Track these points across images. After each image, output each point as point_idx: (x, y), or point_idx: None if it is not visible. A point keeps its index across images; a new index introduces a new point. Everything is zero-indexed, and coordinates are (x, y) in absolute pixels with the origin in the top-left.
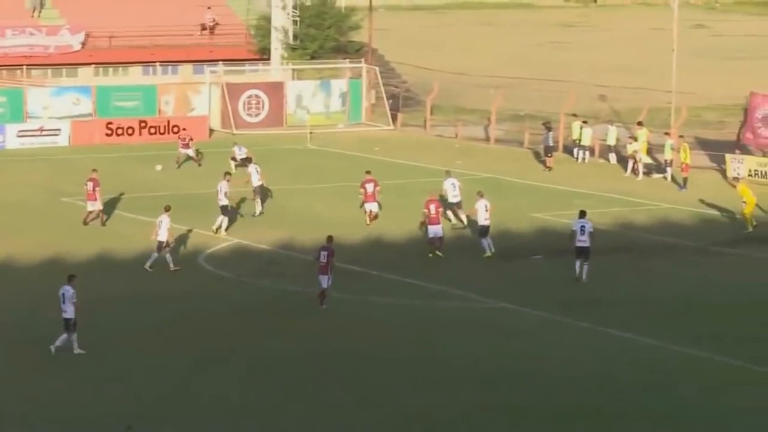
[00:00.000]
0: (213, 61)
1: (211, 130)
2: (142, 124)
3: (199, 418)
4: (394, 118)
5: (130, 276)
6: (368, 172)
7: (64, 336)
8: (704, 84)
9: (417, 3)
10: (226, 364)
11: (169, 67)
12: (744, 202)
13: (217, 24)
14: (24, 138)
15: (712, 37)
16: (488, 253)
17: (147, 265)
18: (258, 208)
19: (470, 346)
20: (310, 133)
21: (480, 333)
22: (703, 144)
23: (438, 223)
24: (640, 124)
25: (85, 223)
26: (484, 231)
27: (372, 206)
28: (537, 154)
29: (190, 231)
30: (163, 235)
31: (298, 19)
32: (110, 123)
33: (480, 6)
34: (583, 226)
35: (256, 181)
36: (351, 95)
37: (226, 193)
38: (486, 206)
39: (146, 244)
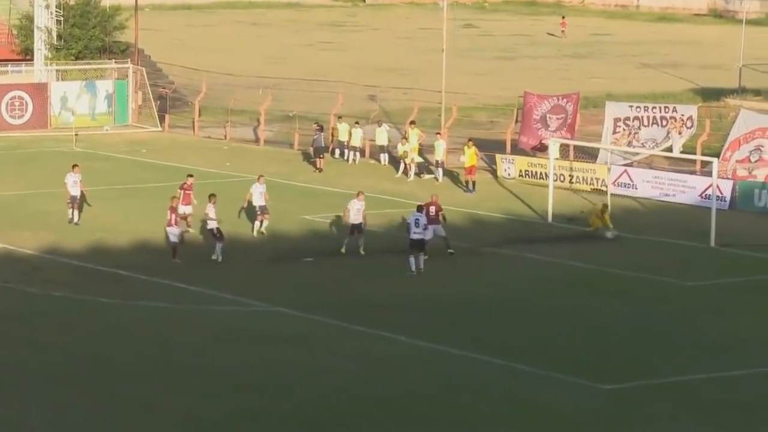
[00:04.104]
0: None
1: None
2: None
3: None
4: (162, 120)
5: None
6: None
7: None
8: (474, 84)
9: (184, 2)
10: None
11: None
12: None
13: None
14: None
15: (481, 37)
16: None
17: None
18: None
19: (245, 352)
20: (76, 135)
21: (254, 338)
22: (475, 144)
23: None
24: (412, 123)
25: None
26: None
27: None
28: (307, 155)
29: None
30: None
31: (62, 18)
32: None
33: (248, 5)
34: (417, 219)
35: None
36: (117, 96)
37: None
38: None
39: None
